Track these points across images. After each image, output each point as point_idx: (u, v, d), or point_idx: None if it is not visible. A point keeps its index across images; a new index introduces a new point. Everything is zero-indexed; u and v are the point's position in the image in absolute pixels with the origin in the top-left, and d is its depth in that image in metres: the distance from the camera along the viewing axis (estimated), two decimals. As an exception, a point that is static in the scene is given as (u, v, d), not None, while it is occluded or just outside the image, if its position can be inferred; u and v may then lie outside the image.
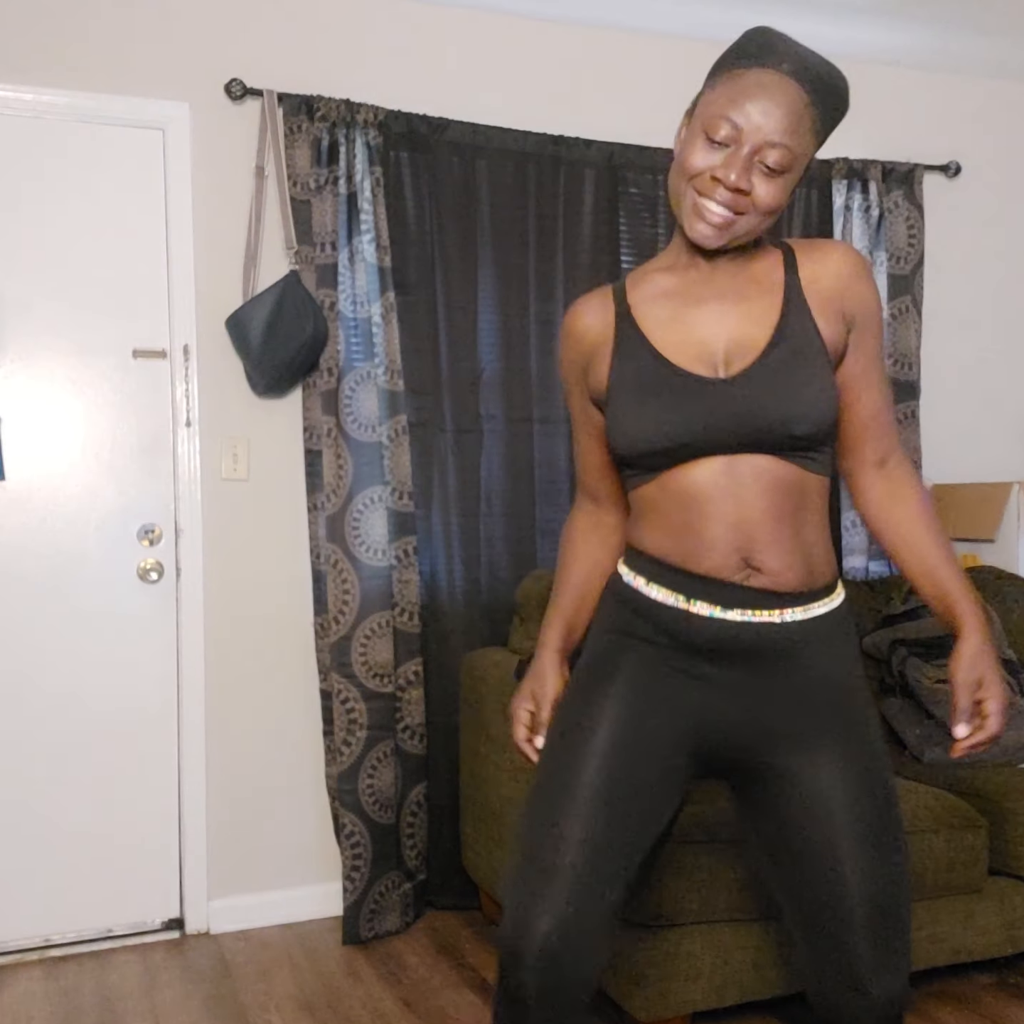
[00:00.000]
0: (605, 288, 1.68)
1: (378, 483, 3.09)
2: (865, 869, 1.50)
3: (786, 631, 1.52)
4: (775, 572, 1.51)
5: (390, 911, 3.08)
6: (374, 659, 3.06)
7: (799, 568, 1.53)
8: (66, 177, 2.99)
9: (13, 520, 2.98)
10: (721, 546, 1.51)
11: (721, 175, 1.46)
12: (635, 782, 1.52)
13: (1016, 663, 3.14)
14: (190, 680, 3.09)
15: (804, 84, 1.47)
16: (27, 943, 2.99)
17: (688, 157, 1.49)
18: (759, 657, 1.53)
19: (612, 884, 1.49)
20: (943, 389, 3.88)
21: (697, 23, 3.40)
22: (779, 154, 1.45)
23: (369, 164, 3.08)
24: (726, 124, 1.45)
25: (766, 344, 1.53)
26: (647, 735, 1.54)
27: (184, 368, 3.08)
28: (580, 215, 3.35)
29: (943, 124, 3.87)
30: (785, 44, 1.50)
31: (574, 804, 1.50)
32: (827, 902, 1.51)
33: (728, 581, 1.51)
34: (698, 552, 1.52)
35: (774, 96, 1.45)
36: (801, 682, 1.54)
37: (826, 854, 1.51)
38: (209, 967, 2.91)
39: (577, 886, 1.46)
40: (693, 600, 1.53)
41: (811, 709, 1.54)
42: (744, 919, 2.40)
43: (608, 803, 1.50)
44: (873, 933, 1.50)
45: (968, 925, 2.60)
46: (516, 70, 3.36)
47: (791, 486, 1.52)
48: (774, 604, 1.51)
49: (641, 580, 1.59)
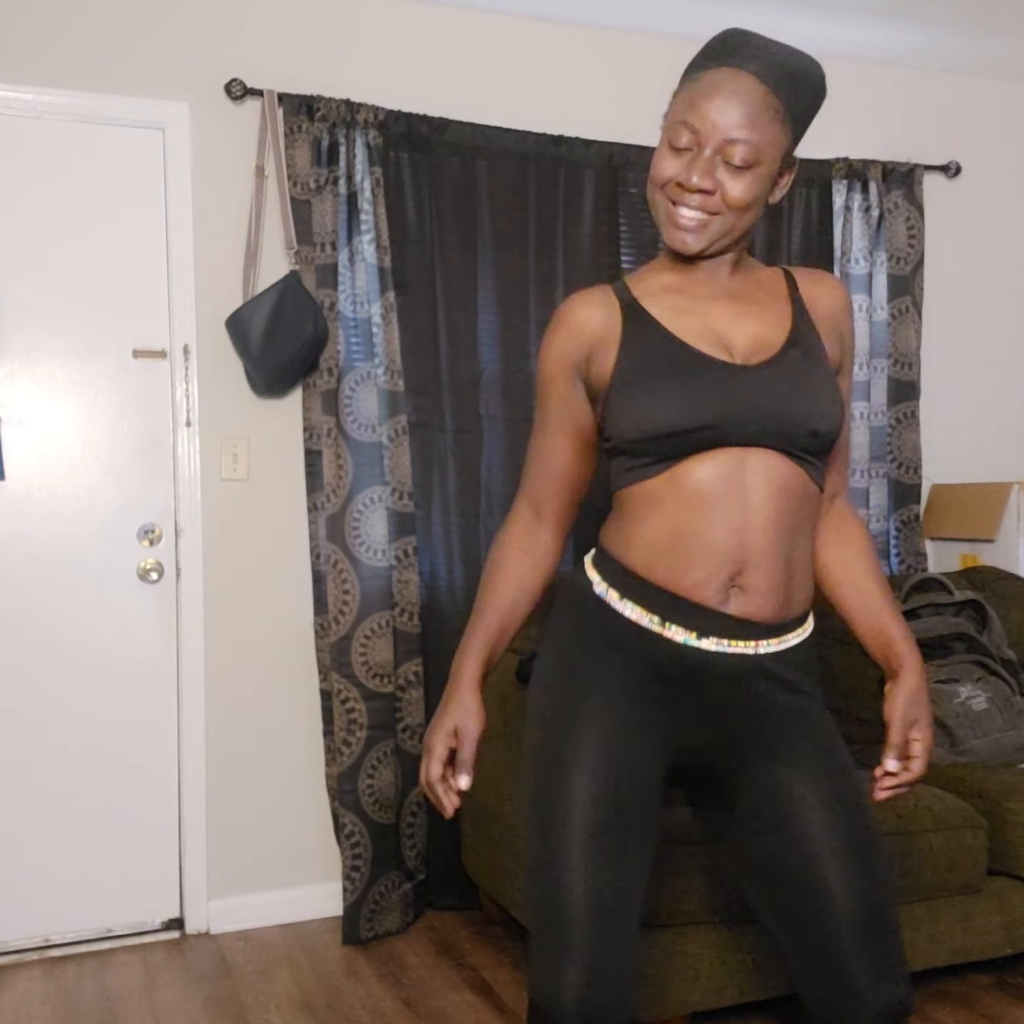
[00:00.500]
0: (602, 286, 1.62)
1: (378, 483, 3.09)
2: (849, 882, 1.47)
3: (759, 661, 1.50)
4: (759, 593, 1.48)
5: (390, 911, 3.08)
6: (374, 659, 3.06)
7: (780, 593, 1.50)
8: (66, 177, 2.99)
9: (13, 520, 2.98)
10: (716, 552, 1.47)
11: (684, 179, 1.47)
12: (624, 818, 1.48)
13: (1016, 663, 3.14)
14: (190, 680, 3.09)
15: (762, 75, 1.44)
16: (27, 943, 2.99)
17: (655, 166, 1.51)
18: (730, 681, 1.51)
19: (626, 919, 1.47)
20: (943, 389, 3.88)
21: (697, 23, 3.40)
22: (742, 149, 1.44)
23: (369, 164, 3.08)
24: (685, 129, 1.46)
25: (783, 343, 1.52)
26: (628, 767, 1.49)
27: (184, 368, 3.08)
28: (580, 215, 3.35)
29: (943, 124, 3.87)
30: (748, 42, 1.47)
31: (571, 857, 1.45)
32: (815, 919, 1.48)
33: (707, 606, 1.47)
34: (689, 560, 1.47)
35: (728, 92, 1.44)
36: (770, 706, 1.53)
37: (808, 871, 1.48)
38: (209, 967, 2.91)
39: (594, 933, 1.44)
40: (668, 624, 1.49)
41: (781, 731, 1.53)
42: (744, 919, 2.40)
43: (603, 850, 1.46)
44: (865, 944, 1.47)
45: (967, 925, 2.60)
46: (516, 70, 3.36)
47: (795, 493, 1.50)
48: (750, 635, 1.49)
49: (615, 594, 1.53)
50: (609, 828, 1.46)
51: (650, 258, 3.42)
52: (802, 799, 1.49)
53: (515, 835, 2.78)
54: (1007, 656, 3.13)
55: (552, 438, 1.60)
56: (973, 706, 2.92)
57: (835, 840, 1.48)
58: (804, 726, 1.54)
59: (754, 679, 1.51)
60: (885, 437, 3.71)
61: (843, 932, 1.47)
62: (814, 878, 1.48)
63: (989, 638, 3.16)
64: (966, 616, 3.19)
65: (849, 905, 1.47)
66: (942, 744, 2.93)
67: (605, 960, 1.43)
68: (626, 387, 1.50)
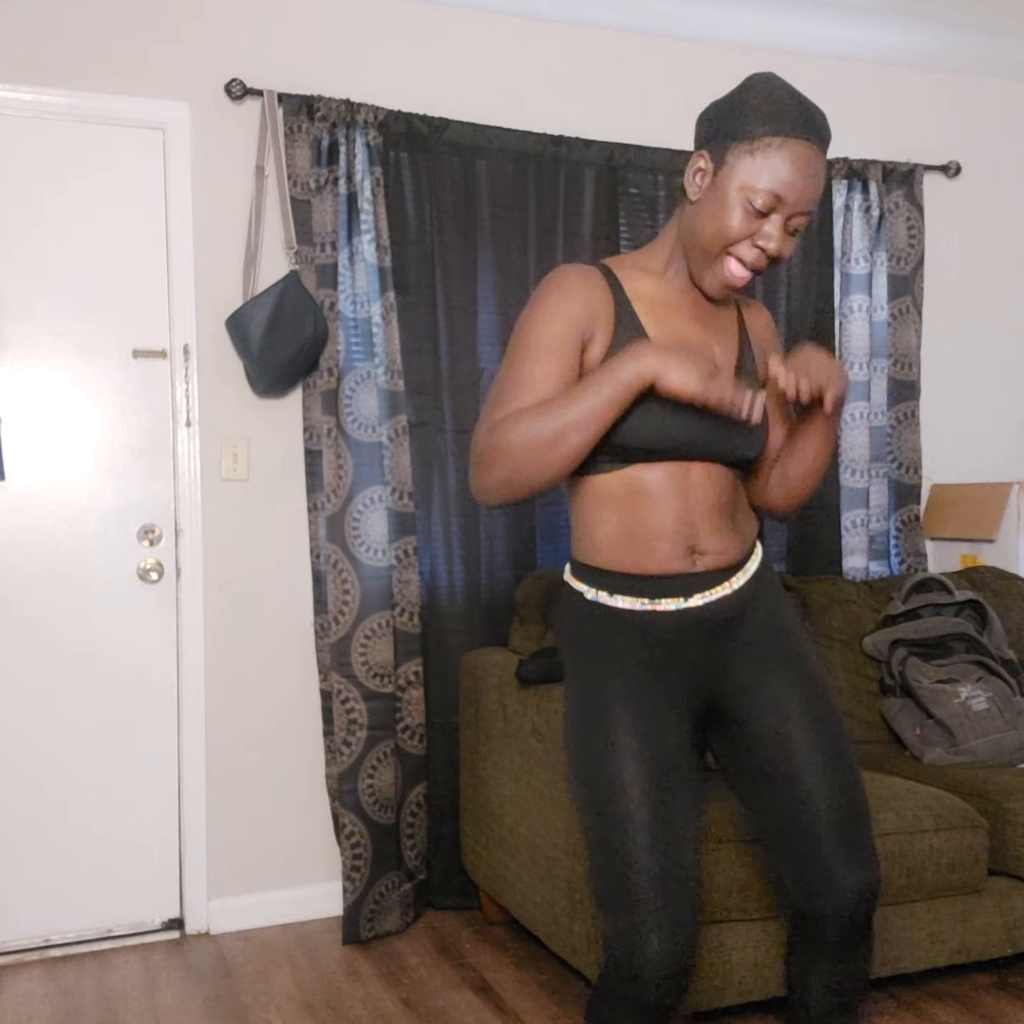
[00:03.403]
0: (591, 268, 1.71)
1: (378, 483, 3.09)
2: (824, 776, 1.70)
3: (738, 595, 1.75)
4: (718, 552, 1.72)
5: (390, 911, 3.08)
6: (374, 659, 3.06)
7: (736, 544, 1.75)
8: (66, 177, 2.99)
9: (13, 520, 2.98)
10: (670, 536, 1.69)
11: (763, 244, 1.61)
12: (673, 783, 1.65)
13: (1016, 663, 3.14)
14: (190, 680, 3.09)
15: (823, 148, 1.61)
16: (27, 943, 2.99)
17: (728, 222, 1.61)
18: (721, 623, 1.74)
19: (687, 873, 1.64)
20: (943, 389, 3.88)
21: (697, 24, 3.40)
22: (806, 219, 1.63)
23: (369, 164, 3.08)
24: (770, 197, 1.58)
25: (734, 370, 1.74)
26: (663, 737, 1.68)
27: (184, 368, 3.08)
28: (580, 215, 3.35)
29: (943, 124, 3.87)
30: (799, 100, 1.60)
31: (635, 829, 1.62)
32: (796, 809, 1.70)
33: (680, 573, 1.70)
34: (650, 545, 1.69)
35: (810, 170, 1.59)
36: (751, 628, 1.77)
37: (790, 768, 1.71)
38: (209, 967, 2.91)
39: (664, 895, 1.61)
40: (657, 599, 1.71)
41: (762, 648, 1.76)
42: (744, 919, 2.40)
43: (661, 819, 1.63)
44: (839, 831, 1.69)
45: (968, 925, 2.60)
46: (516, 70, 3.36)
47: (729, 485, 1.75)
48: (723, 578, 1.73)
49: (604, 593, 1.73)
50: (663, 796, 1.64)
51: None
52: (787, 715, 1.73)
53: (515, 835, 2.78)
54: (1007, 656, 3.13)
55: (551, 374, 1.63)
56: (973, 706, 2.91)
57: (815, 746, 1.71)
58: (782, 639, 1.78)
59: (740, 612, 1.75)
60: (885, 437, 3.71)
61: (821, 823, 1.69)
62: (797, 778, 1.71)
63: (989, 638, 3.16)
64: (966, 616, 3.19)
65: (826, 800, 1.70)
66: (942, 744, 2.93)
67: (677, 915, 1.62)
68: None
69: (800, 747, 1.71)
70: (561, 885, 2.52)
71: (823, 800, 1.69)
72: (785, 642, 1.79)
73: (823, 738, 1.72)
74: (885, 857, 2.47)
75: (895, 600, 3.28)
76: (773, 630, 1.79)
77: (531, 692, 2.71)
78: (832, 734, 1.73)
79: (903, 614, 3.22)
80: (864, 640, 3.25)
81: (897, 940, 2.54)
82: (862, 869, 1.71)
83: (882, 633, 3.21)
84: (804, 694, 1.74)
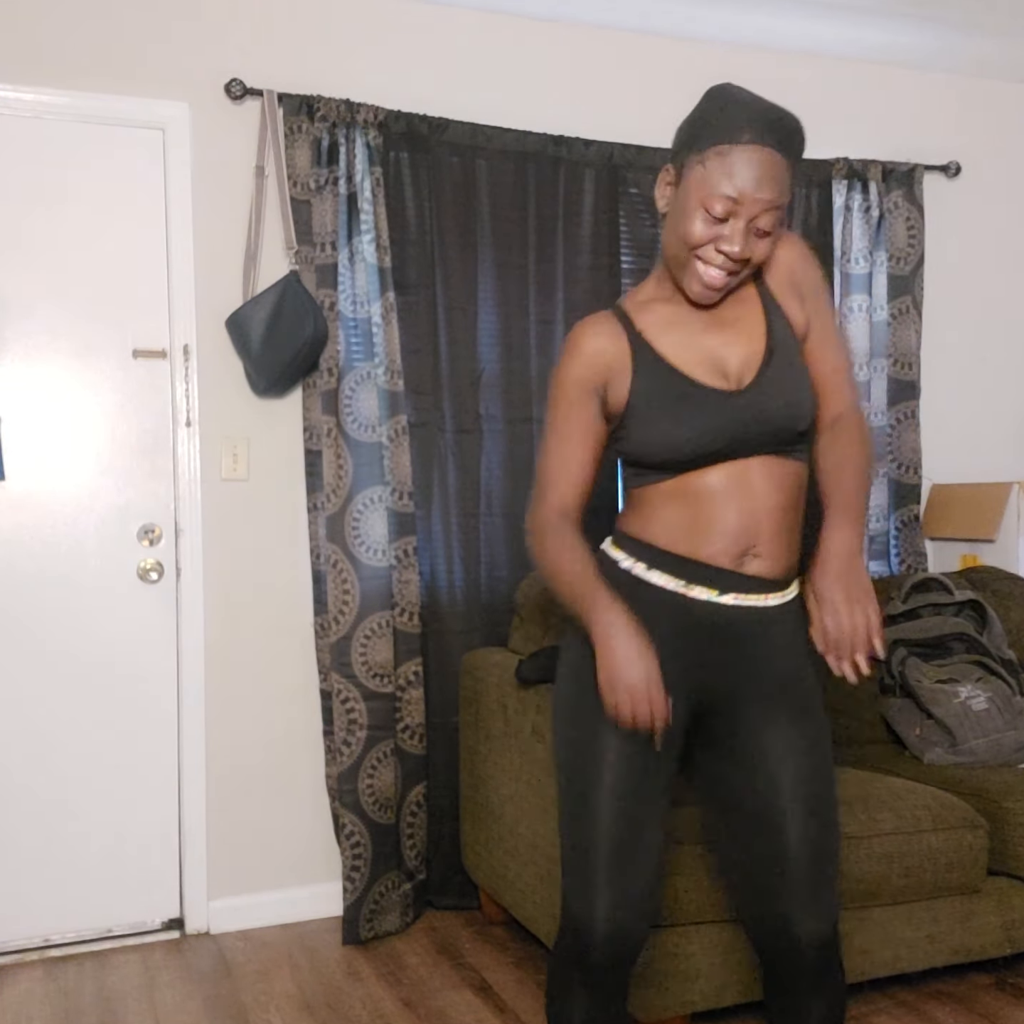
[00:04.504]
0: (606, 314, 1.79)
1: (378, 483, 3.09)
2: (804, 829, 1.70)
3: (767, 612, 1.74)
4: (773, 558, 1.72)
5: (390, 911, 3.08)
6: (374, 659, 3.06)
7: (788, 557, 1.75)
8: (66, 177, 2.99)
9: (13, 520, 2.98)
10: (733, 530, 1.70)
11: (726, 249, 1.64)
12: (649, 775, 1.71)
13: (1016, 663, 3.14)
14: (190, 680, 3.09)
15: (780, 147, 1.64)
16: (27, 943, 2.99)
17: (689, 229, 1.65)
18: (740, 633, 1.73)
19: (646, 852, 1.71)
20: (943, 389, 3.88)
21: (697, 24, 3.40)
22: (771, 216, 1.65)
23: (369, 164, 3.08)
24: (725, 201, 1.62)
25: (764, 354, 1.73)
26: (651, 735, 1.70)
27: (184, 368, 3.08)
28: (580, 215, 3.35)
29: (943, 124, 3.87)
30: (750, 108, 1.64)
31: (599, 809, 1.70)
32: (766, 852, 1.71)
33: (726, 568, 1.70)
34: (710, 534, 1.70)
35: (763, 172, 1.62)
36: (767, 653, 1.75)
37: (772, 811, 1.71)
38: (209, 967, 2.91)
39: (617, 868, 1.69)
40: (692, 585, 1.71)
41: (772, 678, 1.75)
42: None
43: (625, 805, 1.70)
44: (805, 884, 1.71)
45: (967, 925, 2.60)
46: (516, 70, 3.36)
47: (792, 480, 1.74)
48: (762, 589, 1.73)
49: (641, 566, 1.74)
50: (637, 770, 1.69)
51: (649, 259, 3.43)
52: (777, 747, 1.72)
53: (515, 835, 2.78)
54: (1007, 656, 3.13)
55: (577, 451, 1.76)
56: (973, 706, 2.92)
57: (797, 789, 1.71)
58: (793, 679, 1.75)
59: (760, 631, 1.74)
60: (885, 437, 3.71)
61: (787, 869, 1.71)
62: (772, 817, 1.71)
63: (989, 638, 3.16)
64: (966, 616, 3.19)
65: (797, 846, 1.70)
66: (942, 744, 2.93)
67: (630, 880, 1.69)
68: (641, 415, 1.71)
69: (785, 788, 1.71)
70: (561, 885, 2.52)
71: (797, 842, 1.70)
72: (798, 683, 1.76)
73: (810, 786, 1.71)
74: (885, 857, 2.48)
75: (895, 600, 3.28)
76: (791, 666, 1.76)
77: (531, 692, 2.71)
78: (821, 787, 1.72)
79: (903, 614, 3.22)
80: (864, 640, 3.24)
81: (896, 940, 2.54)
82: (817, 920, 1.72)
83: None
84: (802, 739, 1.73)
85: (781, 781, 1.71)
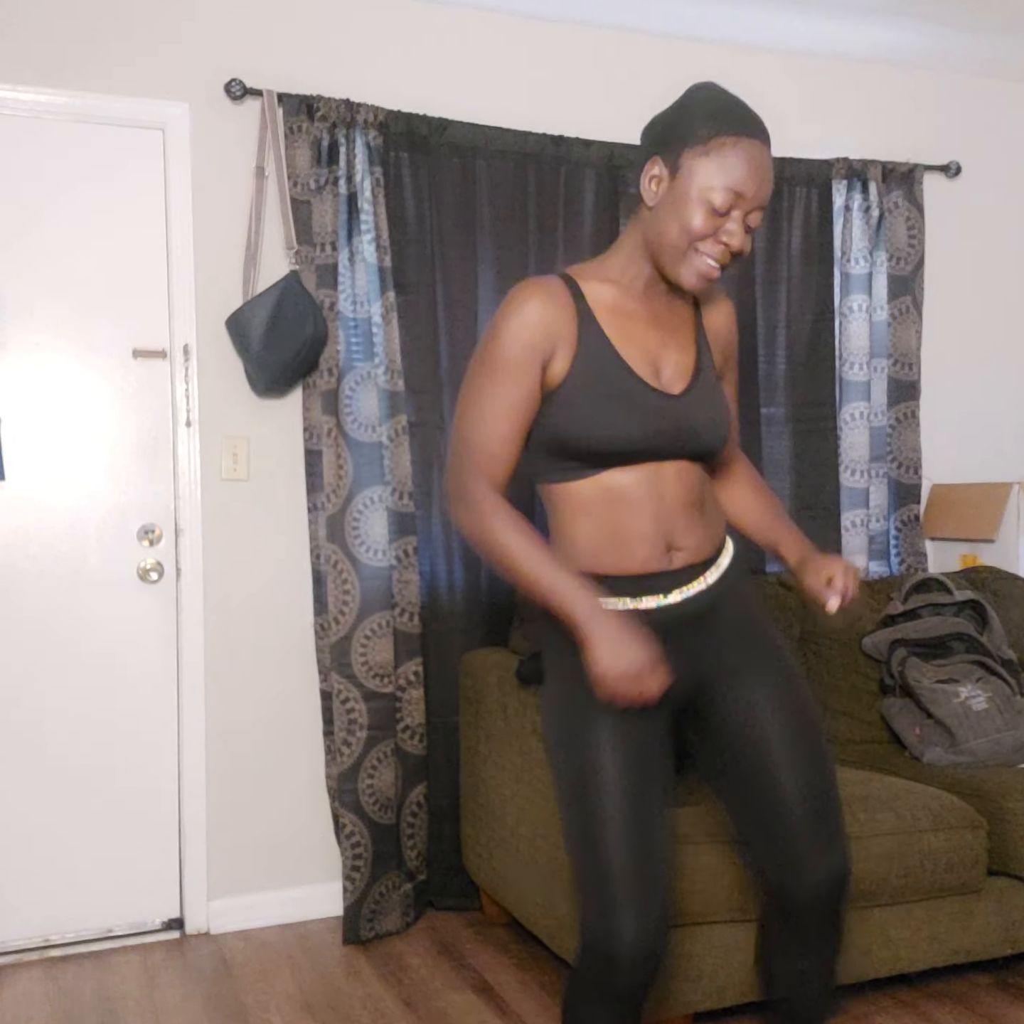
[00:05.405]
0: (555, 278, 1.76)
1: (378, 483, 3.09)
2: (796, 766, 1.77)
3: (711, 590, 1.81)
4: (693, 547, 1.78)
5: (390, 911, 3.08)
6: (374, 659, 3.06)
7: (708, 539, 1.81)
8: (66, 177, 2.99)
9: (13, 520, 2.98)
10: (650, 536, 1.74)
11: (727, 240, 1.67)
12: (648, 777, 1.72)
13: (1016, 663, 3.14)
14: (190, 680, 3.09)
15: (769, 146, 1.68)
16: (27, 943, 2.99)
17: (691, 221, 1.66)
18: (696, 617, 1.79)
19: (661, 860, 1.71)
20: (943, 389, 3.88)
21: (698, 24, 3.40)
22: (761, 214, 1.70)
23: (369, 164, 3.08)
24: (729, 194, 1.64)
25: (693, 369, 1.79)
26: (643, 734, 1.72)
27: (184, 368, 3.08)
28: (580, 215, 3.35)
29: (943, 124, 3.87)
30: (740, 106, 1.68)
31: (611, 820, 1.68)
32: (767, 797, 1.78)
33: (659, 571, 1.75)
34: (630, 546, 1.74)
35: (763, 166, 1.66)
36: (724, 622, 1.82)
37: (763, 758, 1.78)
38: (209, 967, 2.91)
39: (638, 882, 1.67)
40: (638, 598, 1.75)
41: (736, 641, 1.82)
42: (744, 919, 2.40)
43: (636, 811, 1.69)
44: (808, 819, 1.77)
45: (967, 925, 2.60)
46: (516, 70, 3.36)
47: (697, 480, 1.80)
48: (698, 573, 1.79)
49: None
50: (638, 782, 1.70)
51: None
52: (761, 706, 1.79)
53: (516, 835, 2.78)
54: (1007, 656, 3.14)
55: (514, 426, 1.73)
56: (973, 706, 2.92)
57: (785, 737, 1.78)
58: (754, 634, 1.84)
59: (712, 607, 1.80)
60: (885, 437, 3.71)
61: (791, 808, 1.76)
62: (768, 768, 1.77)
63: (989, 638, 3.16)
64: (966, 616, 3.19)
65: (796, 789, 1.77)
66: (942, 744, 2.93)
67: (650, 896, 1.68)
68: (573, 398, 1.70)
69: (772, 738, 1.78)
70: (562, 886, 2.52)
71: (793, 787, 1.77)
72: (759, 637, 1.85)
73: (794, 728, 1.79)
74: (884, 857, 2.48)
75: (895, 600, 3.28)
76: (747, 624, 1.85)
77: (531, 692, 2.71)
78: (804, 724, 1.80)
79: (903, 614, 3.22)
80: (864, 640, 3.25)
81: (896, 940, 2.54)
82: (830, 853, 1.78)
83: (882, 633, 3.21)
84: (777, 687, 1.81)
85: (765, 726, 1.78)
